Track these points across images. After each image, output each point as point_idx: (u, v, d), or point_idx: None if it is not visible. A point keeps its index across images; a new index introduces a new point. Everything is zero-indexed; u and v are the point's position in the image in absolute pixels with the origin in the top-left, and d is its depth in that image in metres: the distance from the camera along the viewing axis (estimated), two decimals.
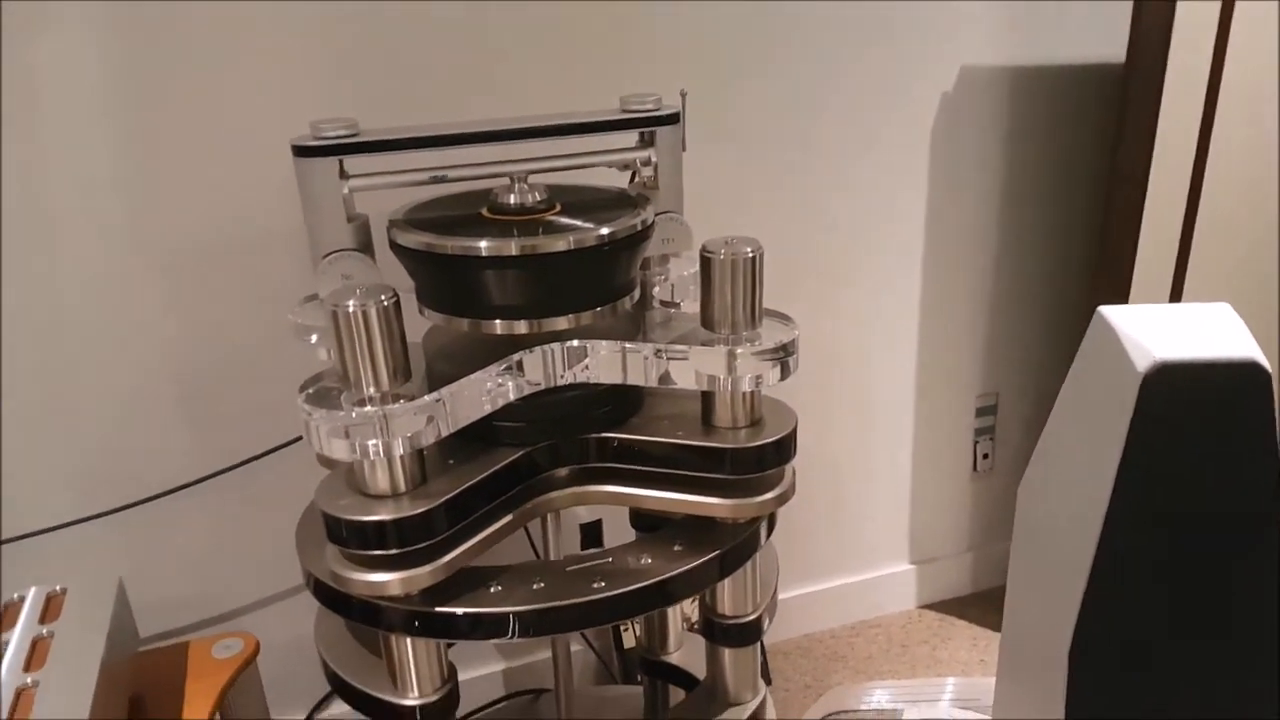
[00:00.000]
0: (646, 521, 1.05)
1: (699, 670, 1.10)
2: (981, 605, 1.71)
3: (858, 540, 1.66)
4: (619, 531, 1.22)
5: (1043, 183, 1.51)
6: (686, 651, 1.12)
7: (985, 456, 1.69)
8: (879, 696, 1.45)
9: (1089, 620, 0.78)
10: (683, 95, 0.92)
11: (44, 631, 0.88)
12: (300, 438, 1.16)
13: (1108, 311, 0.76)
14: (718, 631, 0.92)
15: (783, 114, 1.32)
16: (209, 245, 1.11)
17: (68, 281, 1.07)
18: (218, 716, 0.96)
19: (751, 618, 0.91)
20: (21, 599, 0.94)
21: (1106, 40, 1.44)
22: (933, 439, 1.63)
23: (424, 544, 0.73)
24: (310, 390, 0.73)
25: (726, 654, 0.93)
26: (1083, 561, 0.78)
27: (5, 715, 0.78)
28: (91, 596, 0.93)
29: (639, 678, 1.28)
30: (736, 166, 1.32)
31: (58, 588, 0.95)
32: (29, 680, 0.82)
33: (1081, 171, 1.52)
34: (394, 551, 0.73)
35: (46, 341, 1.08)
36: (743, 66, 1.28)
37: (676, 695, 1.17)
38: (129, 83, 1.03)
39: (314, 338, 0.88)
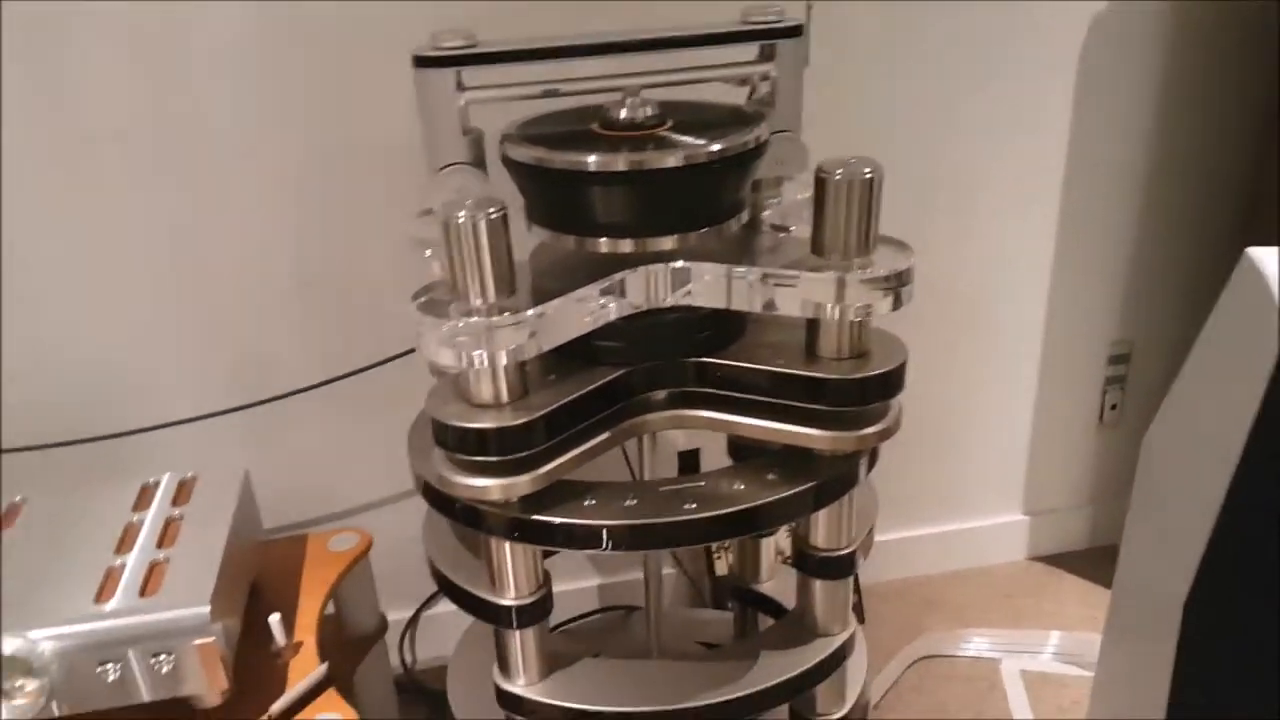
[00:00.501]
0: (744, 452, 1.05)
1: (790, 602, 1.10)
2: (1097, 561, 1.64)
3: (966, 486, 1.61)
4: (718, 463, 1.22)
5: (1202, 106, 1.39)
6: (778, 582, 1.12)
7: (1114, 407, 1.60)
8: (976, 644, 1.42)
9: (1208, 576, 0.74)
10: (808, 6, 0.88)
11: (176, 513, 0.96)
12: (411, 350, 1.20)
13: (1256, 254, 0.70)
14: (810, 563, 0.91)
15: (914, 23, 1.25)
16: (334, 159, 1.15)
17: (205, 192, 1.13)
18: (330, 606, 1.03)
19: (845, 552, 0.90)
20: (157, 483, 1.02)
21: None
22: (1058, 385, 1.56)
23: (523, 453, 0.75)
24: (422, 299, 0.75)
25: (817, 586, 0.92)
26: (1207, 516, 0.73)
27: (139, 585, 0.86)
28: (220, 485, 1.00)
29: (728, 604, 1.29)
30: (859, 84, 1.27)
31: (189, 474, 1.02)
32: (161, 556, 0.89)
33: (1247, 96, 1.38)
34: (495, 459, 0.74)
35: (186, 250, 1.15)
36: None
37: (766, 624, 1.18)
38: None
39: (428, 251, 0.90)
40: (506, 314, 0.73)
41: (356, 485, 1.32)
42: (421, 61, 0.81)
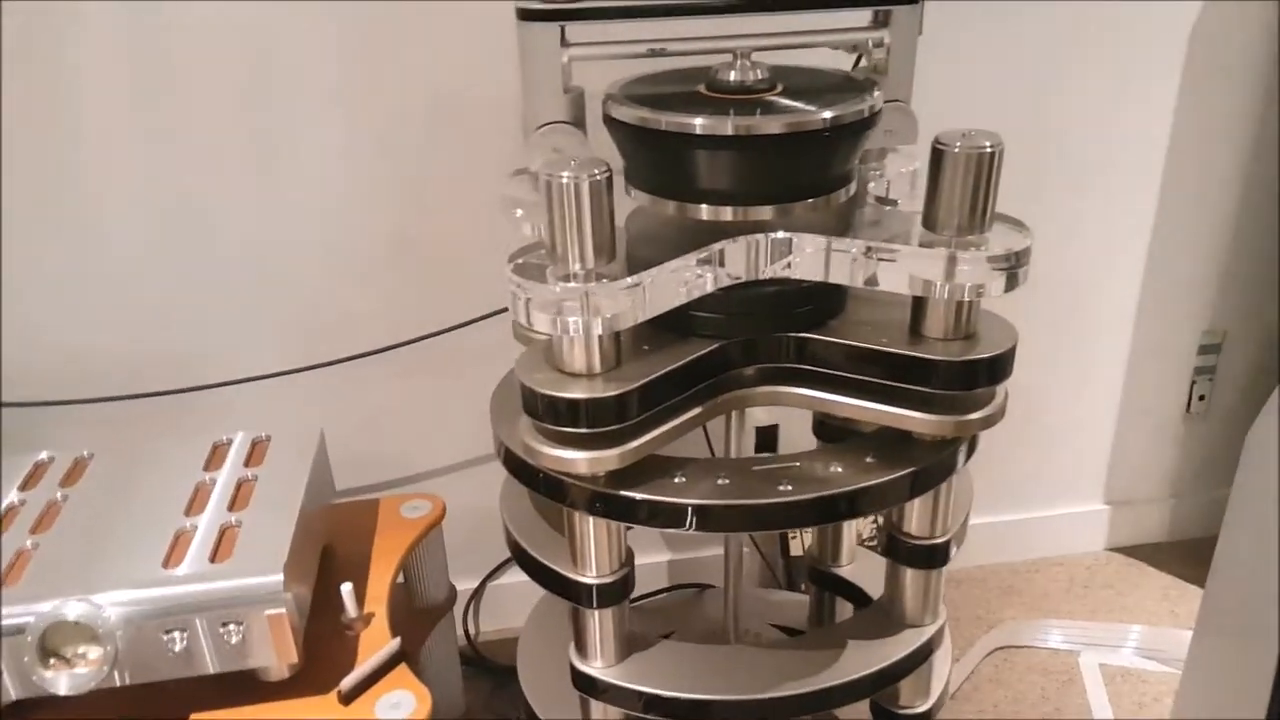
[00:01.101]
0: (831, 433, 1.02)
1: (869, 586, 1.07)
2: (1179, 555, 1.58)
3: (1048, 473, 1.56)
4: (796, 440, 1.19)
5: None
6: (859, 566, 1.09)
7: (1201, 398, 1.54)
8: (1055, 636, 1.38)
9: None
10: None
11: (249, 474, 0.93)
12: (496, 312, 1.18)
13: None
14: (902, 551, 0.88)
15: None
16: (423, 113, 1.12)
17: (285, 144, 1.11)
18: (401, 574, 1.01)
19: (940, 540, 0.87)
20: (230, 441, 0.99)
21: None
22: (1146, 373, 1.50)
23: (614, 426, 0.73)
24: (519, 261, 0.73)
25: (908, 574, 0.89)
26: None
27: (211, 549, 0.83)
28: (294, 445, 0.98)
29: (802, 586, 1.26)
30: (967, 55, 1.21)
31: (263, 434, 1.00)
32: (233, 519, 0.86)
33: None
34: (585, 430, 0.72)
35: (268, 204, 1.14)
36: None
37: (843, 608, 1.15)
38: None
39: (519, 212, 0.87)
40: (605, 281, 0.70)
41: (430, 450, 1.31)
42: (526, 15, 0.78)
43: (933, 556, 0.87)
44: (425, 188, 1.16)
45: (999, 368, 0.77)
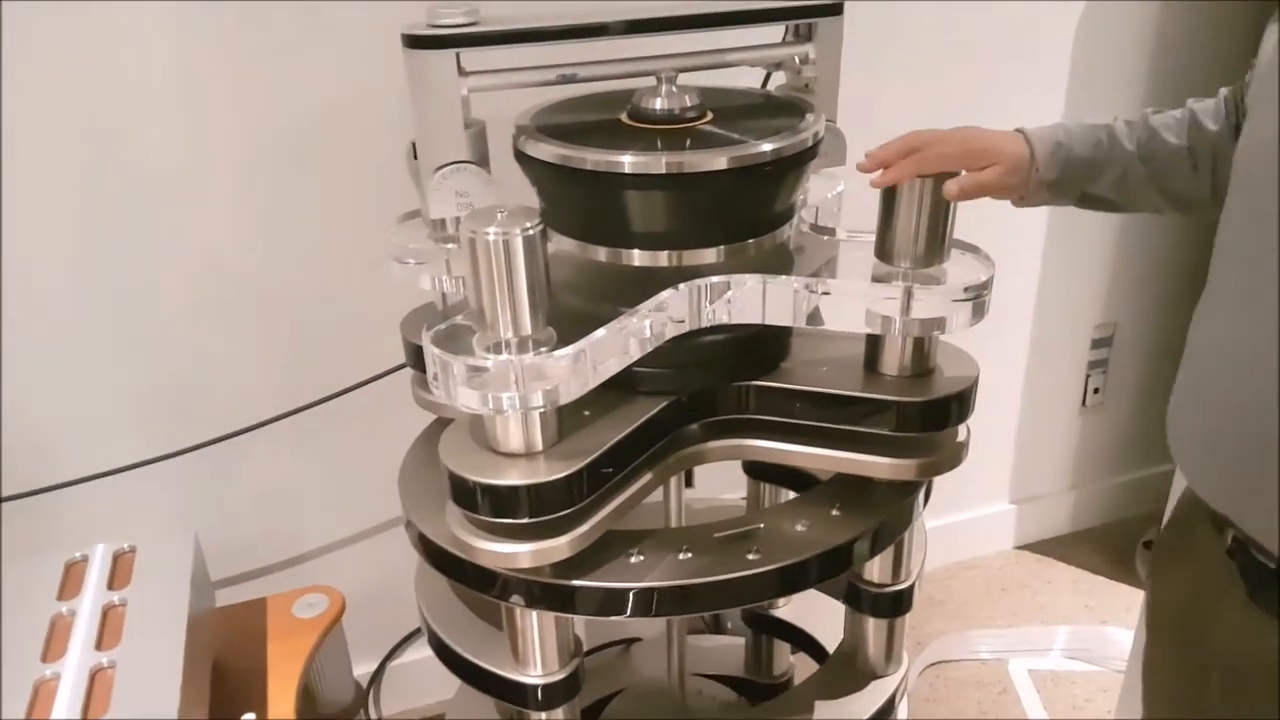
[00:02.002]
0: (760, 468, 0.96)
1: (810, 626, 1.02)
2: (1083, 546, 1.61)
3: (957, 477, 1.54)
4: (712, 470, 1.11)
5: (1184, 96, 1.35)
6: (797, 607, 1.03)
7: (1096, 391, 1.57)
8: (983, 647, 1.36)
9: None
10: None
11: (115, 600, 0.76)
12: (389, 371, 1.05)
13: None
14: (865, 600, 0.82)
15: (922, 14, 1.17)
16: (294, 146, 0.97)
17: (136, 189, 0.94)
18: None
19: (904, 586, 0.82)
20: (87, 559, 0.81)
21: None
22: (1044, 370, 1.52)
23: (562, 512, 0.63)
24: (440, 329, 0.62)
25: (870, 623, 0.84)
26: None
27: (81, 702, 0.67)
28: (166, 554, 0.80)
29: (729, 625, 1.20)
30: (865, 68, 1.17)
31: (126, 545, 0.82)
32: (104, 660, 0.71)
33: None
34: (527, 520, 0.63)
35: (114, 260, 0.96)
36: None
37: (781, 649, 1.09)
38: None
39: (413, 262, 0.77)
40: (544, 350, 0.61)
41: (317, 526, 1.15)
42: (416, 42, 0.67)
43: (898, 604, 0.82)
44: (302, 233, 1.01)
45: (964, 406, 0.72)
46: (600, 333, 0.62)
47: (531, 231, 0.58)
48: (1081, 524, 1.66)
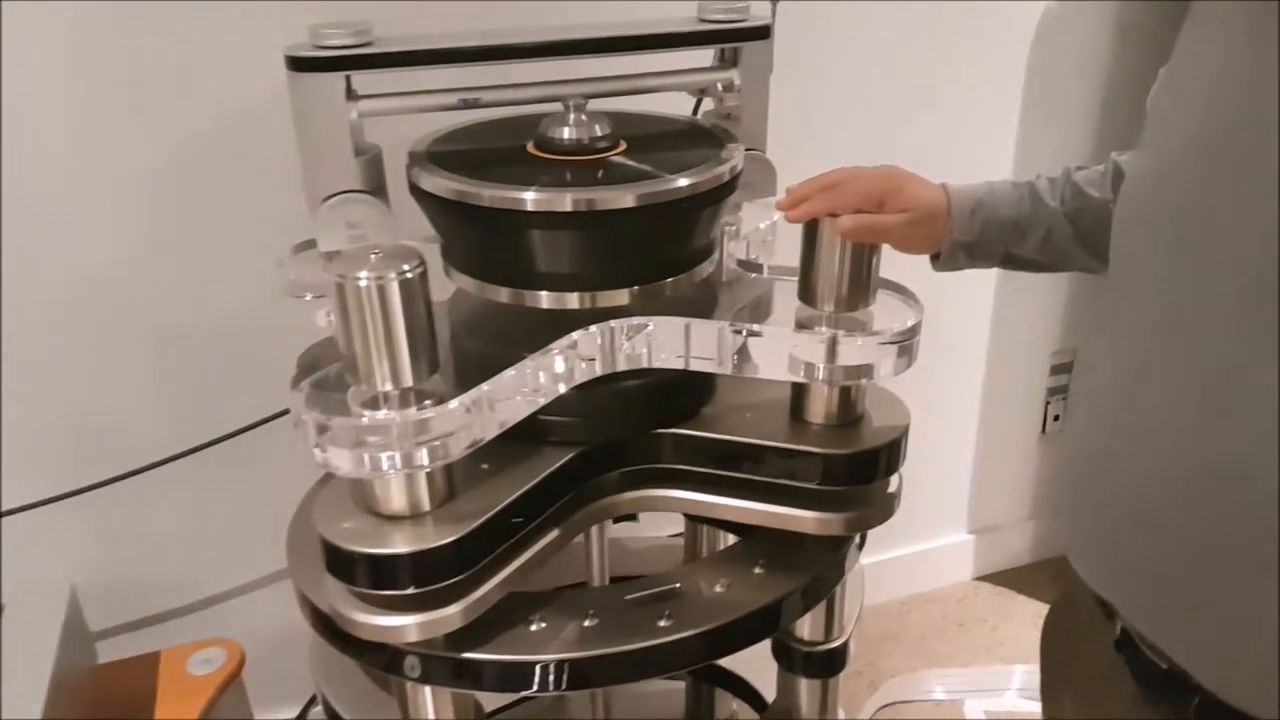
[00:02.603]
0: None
1: (752, 674, 0.97)
2: (1042, 577, 1.57)
3: (914, 506, 1.49)
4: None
5: (1139, 126, 1.32)
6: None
7: (1056, 418, 1.53)
8: (938, 687, 1.32)
9: None
10: (774, 3, 0.73)
11: None
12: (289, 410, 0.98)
13: None
14: (796, 660, 0.77)
15: (866, 35, 1.13)
16: (184, 173, 0.91)
17: (14, 211, 0.88)
18: None
19: (836, 644, 0.77)
20: None
21: None
22: (1002, 397, 1.48)
23: (452, 580, 0.58)
24: (309, 383, 0.57)
25: (803, 683, 0.79)
26: None
27: None
28: (35, 612, 0.75)
29: None
30: (809, 94, 1.13)
31: None
32: None
33: None
34: (413, 591, 0.57)
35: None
36: None
37: (722, 695, 1.04)
38: None
39: (309, 295, 0.71)
40: (428, 404, 0.55)
41: (213, 574, 1.07)
42: (301, 64, 0.62)
43: (830, 664, 0.77)
44: (194, 259, 0.94)
45: (894, 457, 0.68)
46: (499, 378, 0.57)
47: (410, 275, 0.52)
48: (1042, 554, 1.62)
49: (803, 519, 0.68)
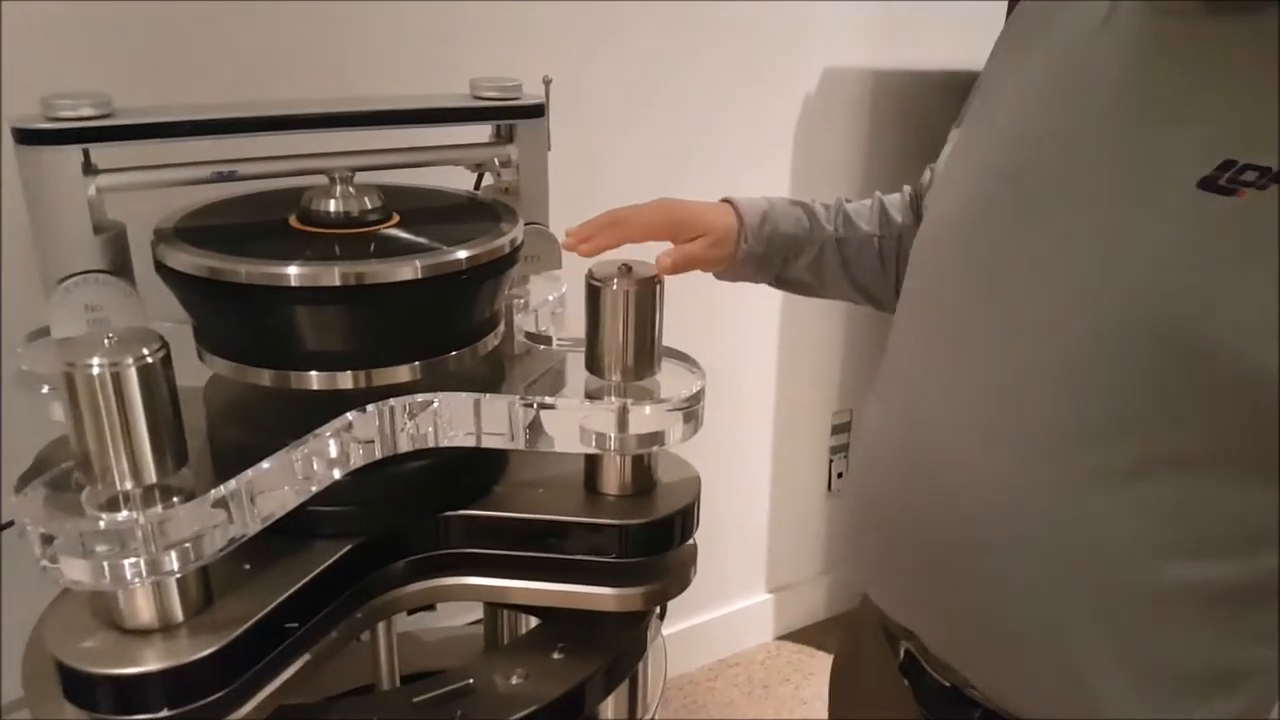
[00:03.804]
0: None
1: None
2: (839, 630, 1.62)
3: (713, 571, 1.52)
4: None
5: (903, 180, 1.44)
6: None
7: (840, 475, 1.61)
8: None
9: None
10: (546, 83, 0.73)
11: None
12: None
13: None
14: None
15: (640, 108, 1.17)
16: None
17: None
18: None
19: None
20: None
21: (969, 47, 1.37)
22: (788, 458, 1.54)
23: (210, 698, 0.52)
24: (41, 483, 0.50)
25: None
26: None
27: None
28: None
29: None
30: (583, 164, 1.15)
31: None
32: None
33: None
34: (168, 714, 0.50)
35: None
36: (598, 56, 1.11)
37: None
38: None
39: (46, 388, 0.63)
40: (175, 500, 0.50)
41: None
42: (29, 137, 0.55)
43: None
44: None
45: (688, 522, 0.68)
46: (258, 468, 0.52)
47: (149, 360, 0.47)
48: (838, 608, 1.68)
49: (602, 596, 0.66)
